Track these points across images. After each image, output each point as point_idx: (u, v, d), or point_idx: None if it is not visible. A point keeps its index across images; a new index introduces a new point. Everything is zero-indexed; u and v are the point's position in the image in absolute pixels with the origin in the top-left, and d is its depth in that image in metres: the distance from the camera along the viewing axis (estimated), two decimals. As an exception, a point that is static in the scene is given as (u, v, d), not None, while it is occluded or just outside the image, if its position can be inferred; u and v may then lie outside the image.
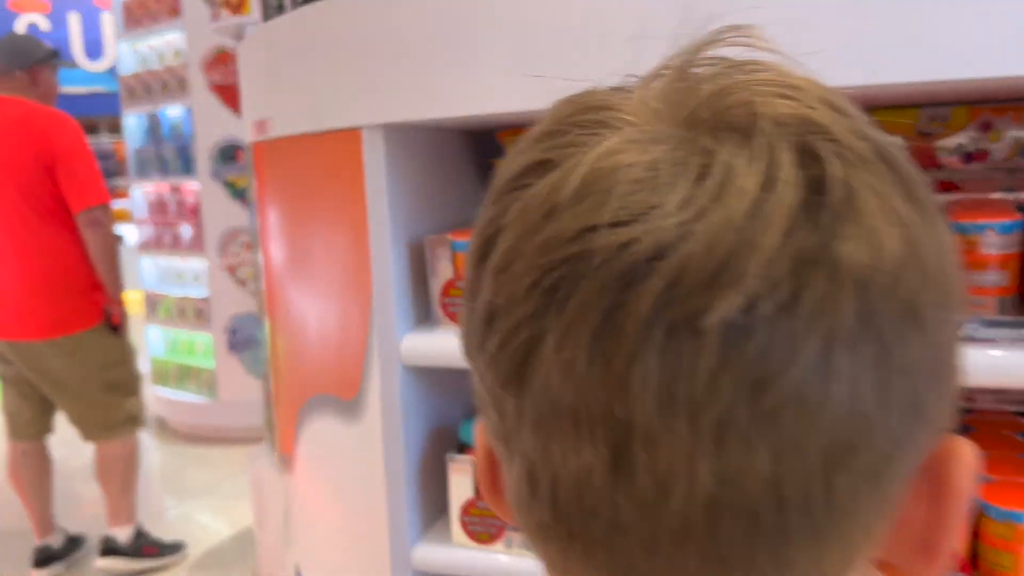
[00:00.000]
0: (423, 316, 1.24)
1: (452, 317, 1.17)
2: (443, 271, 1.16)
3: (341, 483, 1.29)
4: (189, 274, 4.60)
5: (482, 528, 1.18)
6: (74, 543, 3.05)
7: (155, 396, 5.00)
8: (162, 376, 4.89)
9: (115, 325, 2.65)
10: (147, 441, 4.96)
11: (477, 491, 1.19)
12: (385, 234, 1.14)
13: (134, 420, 2.90)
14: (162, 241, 4.62)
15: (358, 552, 1.28)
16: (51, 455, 3.08)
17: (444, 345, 1.14)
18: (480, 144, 1.38)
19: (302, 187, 1.31)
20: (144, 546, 3.00)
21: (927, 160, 1.23)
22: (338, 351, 1.26)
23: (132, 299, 3.20)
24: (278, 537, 3.17)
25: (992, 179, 1.23)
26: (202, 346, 4.70)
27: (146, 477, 4.49)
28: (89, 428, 2.80)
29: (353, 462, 1.26)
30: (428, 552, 1.21)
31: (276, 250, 1.42)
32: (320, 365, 1.31)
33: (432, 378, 1.27)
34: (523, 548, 1.16)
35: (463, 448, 1.24)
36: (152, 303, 4.83)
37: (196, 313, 4.53)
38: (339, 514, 1.31)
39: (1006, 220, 0.92)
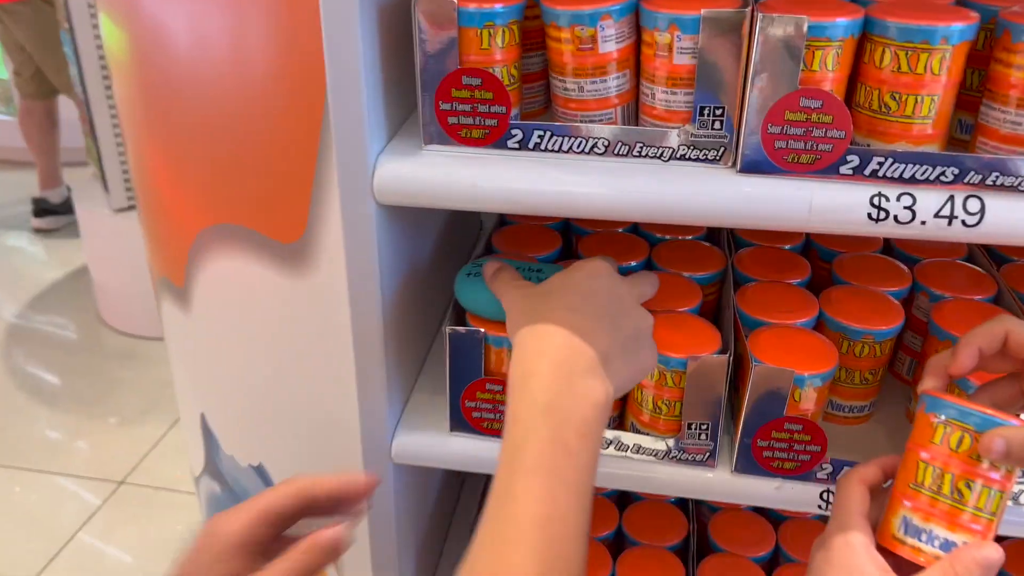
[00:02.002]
0: (395, 122, 0.82)
1: (454, 132, 0.76)
2: (441, 55, 0.73)
3: (280, 348, 0.92)
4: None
5: (493, 416, 0.87)
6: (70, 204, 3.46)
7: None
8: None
9: None
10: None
11: (487, 370, 0.86)
12: (349, -4, 0.68)
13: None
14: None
15: (314, 438, 0.95)
16: (58, 115, 3.46)
17: (445, 174, 0.75)
18: None
19: None
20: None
21: None
22: (263, 168, 0.83)
23: None
24: (125, 283, 2.78)
25: None
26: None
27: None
28: None
29: (299, 324, 0.88)
30: (412, 442, 0.90)
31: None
32: (226, 183, 0.88)
33: (411, 215, 0.88)
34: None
35: (459, 313, 0.88)
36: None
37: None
38: (280, 387, 0.95)
39: None
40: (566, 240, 1.02)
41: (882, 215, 0.70)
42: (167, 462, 2.35)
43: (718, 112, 0.71)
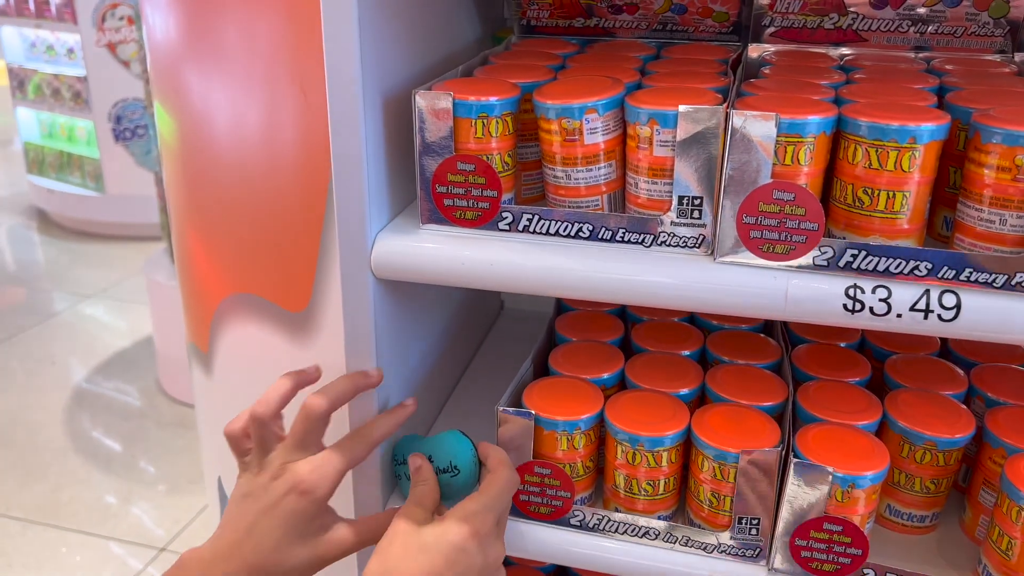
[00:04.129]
0: (400, 202, 0.87)
1: (449, 213, 0.80)
2: (438, 143, 0.78)
3: (288, 413, 0.96)
4: (61, 48, 3.91)
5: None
6: None
7: (32, 185, 4.44)
8: (39, 164, 4.29)
9: None
10: (28, 235, 4.47)
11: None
12: (352, 85, 0.74)
13: None
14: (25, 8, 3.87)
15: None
16: None
17: (436, 251, 0.79)
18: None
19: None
20: None
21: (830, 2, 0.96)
22: (274, 241, 0.89)
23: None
24: (183, 353, 2.89)
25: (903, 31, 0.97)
26: (84, 132, 4.11)
27: (32, 273, 4.08)
28: None
29: (304, 391, 0.92)
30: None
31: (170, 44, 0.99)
32: (245, 254, 0.94)
33: (414, 291, 0.92)
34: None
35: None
36: (18, 79, 4.13)
37: (73, 95, 3.89)
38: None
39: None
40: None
41: (858, 306, 0.71)
42: (208, 531, 2.39)
43: (696, 202, 0.74)
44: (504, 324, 1.30)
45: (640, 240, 0.77)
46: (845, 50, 0.99)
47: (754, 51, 1.00)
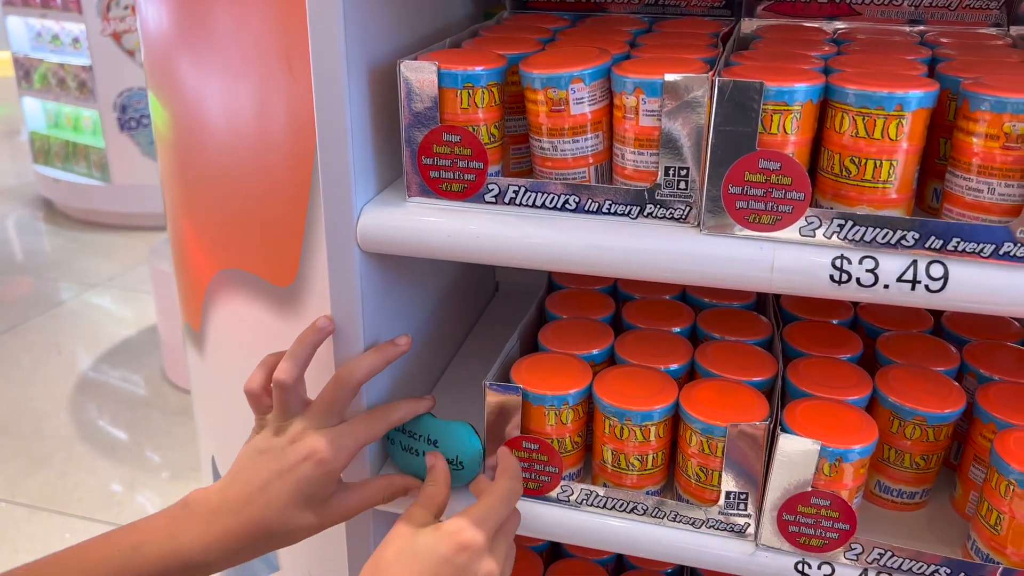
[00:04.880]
0: (389, 175, 0.86)
1: (435, 186, 0.80)
2: (423, 114, 0.78)
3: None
4: (66, 38, 3.92)
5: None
6: None
7: (38, 175, 4.45)
8: (45, 154, 4.30)
9: None
10: (35, 224, 4.49)
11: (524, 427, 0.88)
12: (336, 57, 0.74)
13: None
14: (29, -4, 3.88)
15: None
16: None
17: (422, 224, 0.79)
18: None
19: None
20: None
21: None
22: (261, 217, 0.89)
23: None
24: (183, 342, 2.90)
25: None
26: (89, 122, 4.12)
27: (38, 263, 4.10)
28: None
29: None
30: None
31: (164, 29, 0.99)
32: (233, 231, 0.94)
33: (404, 266, 0.91)
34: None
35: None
36: (24, 69, 4.15)
37: (79, 84, 3.90)
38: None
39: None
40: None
41: (844, 277, 0.71)
42: (210, 517, 2.40)
43: (683, 172, 0.73)
44: (499, 303, 1.30)
45: (627, 212, 0.76)
46: (840, 24, 0.98)
47: (747, 25, 0.99)
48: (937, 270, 0.69)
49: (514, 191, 0.78)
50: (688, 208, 0.74)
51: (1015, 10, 0.93)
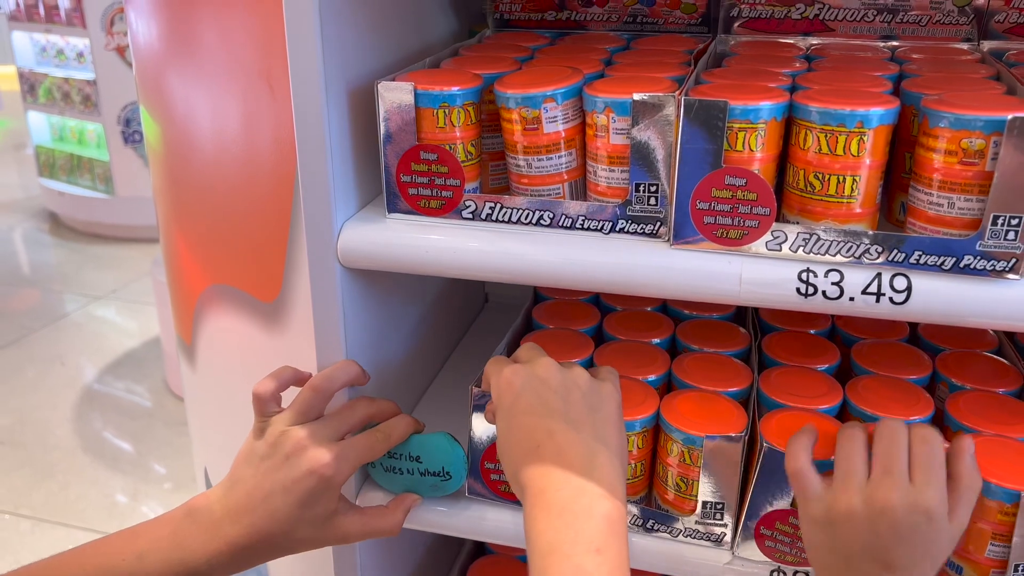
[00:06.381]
0: (369, 192, 0.89)
1: (414, 202, 0.82)
2: (401, 133, 0.80)
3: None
4: (70, 52, 3.97)
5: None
6: None
7: (44, 188, 4.50)
8: (50, 167, 4.35)
9: None
10: (40, 237, 4.53)
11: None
12: (315, 77, 0.76)
13: None
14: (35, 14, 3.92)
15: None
16: None
17: (401, 240, 0.81)
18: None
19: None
20: None
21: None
22: (246, 233, 0.91)
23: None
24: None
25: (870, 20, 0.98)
26: (93, 136, 4.16)
27: (44, 275, 4.13)
28: None
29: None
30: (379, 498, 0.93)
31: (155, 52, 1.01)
32: (221, 246, 0.96)
33: (388, 281, 0.93)
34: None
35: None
36: (29, 83, 4.19)
37: (83, 98, 3.94)
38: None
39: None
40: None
41: (811, 290, 0.72)
42: (211, 527, 2.42)
43: (652, 189, 0.75)
44: (488, 315, 1.32)
45: (600, 227, 0.78)
46: (814, 40, 1.00)
47: (724, 42, 1.01)
48: (901, 283, 0.71)
49: (490, 207, 0.80)
50: (659, 223, 0.76)
51: (986, 25, 0.95)
